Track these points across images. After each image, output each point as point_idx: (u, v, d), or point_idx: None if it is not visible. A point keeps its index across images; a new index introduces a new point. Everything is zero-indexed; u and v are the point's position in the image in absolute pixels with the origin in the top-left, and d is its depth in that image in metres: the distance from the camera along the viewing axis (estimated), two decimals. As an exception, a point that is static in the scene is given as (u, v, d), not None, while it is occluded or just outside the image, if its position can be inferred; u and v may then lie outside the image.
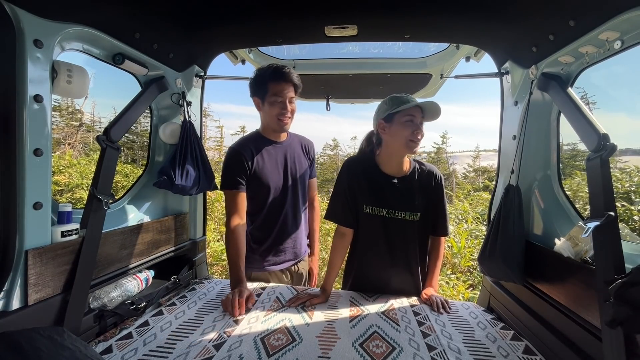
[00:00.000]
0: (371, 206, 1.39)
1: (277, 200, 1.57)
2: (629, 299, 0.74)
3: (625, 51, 0.97)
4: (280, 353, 0.99)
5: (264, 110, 1.52)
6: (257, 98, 1.51)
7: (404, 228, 1.38)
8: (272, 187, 1.54)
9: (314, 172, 1.79)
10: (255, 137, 1.59)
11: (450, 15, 1.25)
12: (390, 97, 1.34)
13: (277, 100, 1.45)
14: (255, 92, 1.51)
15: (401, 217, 1.38)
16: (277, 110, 1.47)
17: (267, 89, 1.45)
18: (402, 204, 1.38)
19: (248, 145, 1.53)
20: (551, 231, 1.26)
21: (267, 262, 1.61)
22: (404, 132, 1.29)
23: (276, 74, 1.44)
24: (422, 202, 1.40)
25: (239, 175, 1.47)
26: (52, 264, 1.02)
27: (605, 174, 0.91)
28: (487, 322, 1.26)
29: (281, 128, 1.52)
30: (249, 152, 1.51)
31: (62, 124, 20.60)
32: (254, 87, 1.50)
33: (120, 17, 1.17)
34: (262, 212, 1.57)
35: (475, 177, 25.11)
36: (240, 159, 1.48)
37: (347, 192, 1.42)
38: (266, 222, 1.58)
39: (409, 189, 1.39)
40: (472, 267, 4.04)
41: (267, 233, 1.59)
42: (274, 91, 1.44)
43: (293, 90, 1.49)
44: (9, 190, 0.92)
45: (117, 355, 0.99)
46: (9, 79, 0.90)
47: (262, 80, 1.47)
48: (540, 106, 1.32)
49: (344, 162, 1.50)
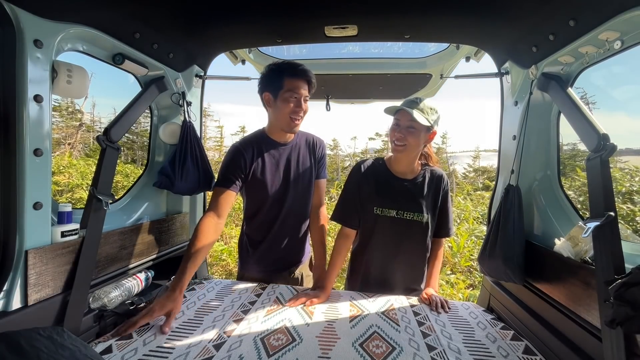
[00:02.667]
0: (380, 207, 1.42)
1: (275, 205, 1.51)
2: (629, 299, 0.74)
3: (625, 51, 0.97)
4: (280, 353, 0.99)
5: (275, 107, 1.41)
6: (268, 93, 1.41)
7: (412, 228, 1.41)
8: (270, 192, 1.48)
9: (324, 172, 1.63)
10: (260, 138, 1.50)
11: (450, 15, 1.25)
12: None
13: (293, 96, 1.36)
14: (267, 86, 1.41)
15: (409, 218, 1.40)
16: (291, 107, 1.37)
17: (282, 84, 1.36)
18: (411, 205, 1.40)
19: (251, 146, 1.46)
20: (551, 231, 1.26)
21: (261, 266, 1.59)
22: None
23: (295, 68, 1.37)
24: (430, 204, 1.42)
25: (233, 174, 1.40)
26: (52, 264, 1.02)
27: (605, 174, 0.91)
28: (487, 322, 1.26)
29: (291, 128, 1.44)
30: (250, 153, 1.44)
31: (62, 124, 20.60)
32: (266, 81, 1.41)
33: (120, 17, 1.17)
34: (259, 215, 1.52)
35: (475, 177, 25.12)
36: (239, 158, 1.42)
37: (356, 195, 1.45)
38: (262, 225, 1.54)
39: (418, 190, 1.42)
40: (472, 267, 4.04)
41: (262, 236, 1.55)
42: (290, 87, 1.36)
43: (308, 89, 1.41)
44: (9, 190, 0.92)
45: (117, 355, 0.99)
46: (9, 79, 0.90)
47: (277, 75, 1.38)
48: (540, 106, 1.32)
49: (355, 165, 1.52)
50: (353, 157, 29.80)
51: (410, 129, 1.31)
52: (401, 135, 1.31)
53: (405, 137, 1.31)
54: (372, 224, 1.44)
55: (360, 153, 31.17)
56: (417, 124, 1.28)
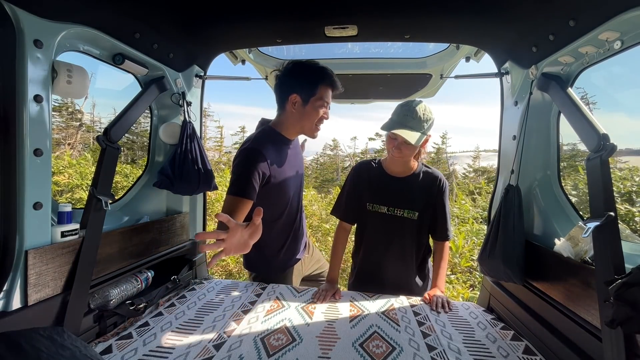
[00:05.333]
0: (373, 203, 1.48)
1: (293, 206, 1.49)
2: (629, 299, 0.74)
3: (625, 51, 0.97)
4: (280, 353, 0.99)
5: (302, 112, 1.34)
6: (297, 96, 1.32)
7: (403, 225, 1.46)
8: (291, 194, 1.44)
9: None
10: (274, 137, 1.40)
11: (450, 15, 1.25)
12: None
13: (325, 105, 1.35)
14: (298, 89, 1.33)
15: (400, 215, 1.45)
16: (319, 116, 1.35)
17: (316, 90, 1.32)
18: (402, 202, 1.45)
19: (270, 148, 1.34)
20: (551, 231, 1.26)
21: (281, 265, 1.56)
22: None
23: (331, 78, 1.34)
24: (422, 202, 1.46)
25: (255, 181, 1.24)
26: (52, 264, 1.02)
27: (605, 174, 0.91)
28: (487, 322, 1.26)
29: (313, 134, 1.41)
30: (271, 156, 1.32)
31: (62, 124, 20.59)
32: (298, 83, 1.33)
33: (120, 17, 1.17)
34: (280, 220, 1.47)
35: (475, 177, 25.13)
36: (262, 162, 1.27)
37: (352, 191, 1.54)
38: (283, 230, 1.50)
39: (410, 188, 1.46)
40: (472, 267, 4.04)
41: (282, 242, 1.51)
42: (324, 94, 1.33)
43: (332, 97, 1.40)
44: (9, 190, 0.92)
45: (117, 355, 0.99)
46: (9, 79, 0.90)
47: (312, 80, 1.32)
48: (540, 106, 1.32)
49: (355, 165, 1.62)
50: (353, 157, 29.80)
51: (406, 143, 1.33)
52: (399, 151, 1.37)
53: (402, 151, 1.36)
54: (365, 219, 1.52)
55: (360, 153, 31.16)
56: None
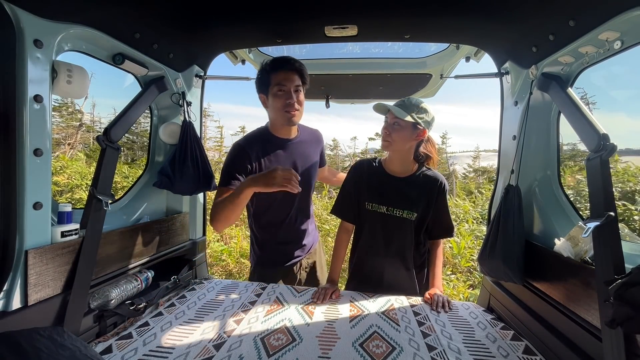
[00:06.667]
0: (372, 203, 1.47)
1: (283, 203, 1.50)
2: (629, 299, 0.74)
3: (625, 51, 0.97)
4: (280, 353, 0.99)
5: (270, 106, 1.41)
6: (262, 94, 1.42)
7: (401, 225, 1.44)
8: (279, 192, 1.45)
9: (324, 161, 1.73)
10: (263, 135, 1.47)
11: (450, 15, 1.25)
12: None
13: (281, 89, 1.34)
14: (260, 88, 1.42)
15: (399, 215, 1.44)
16: (282, 101, 1.35)
17: (269, 80, 1.36)
18: (401, 202, 1.44)
19: (255, 143, 1.41)
20: (551, 231, 1.26)
21: (269, 265, 1.59)
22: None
23: (277, 62, 1.35)
24: (422, 203, 1.45)
25: (238, 173, 1.35)
26: (52, 264, 1.02)
27: (605, 174, 0.91)
28: (487, 322, 1.26)
29: (289, 121, 1.39)
30: (255, 152, 1.39)
31: (62, 124, 20.58)
32: (258, 83, 1.42)
33: (120, 17, 1.17)
34: (267, 214, 1.52)
35: (475, 177, 25.11)
36: (243, 156, 1.37)
37: (352, 191, 1.52)
38: (270, 224, 1.54)
39: (410, 189, 1.45)
40: (472, 267, 4.04)
41: (270, 235, 1.55)
42: (276, 81, 1.34)
43: (299, 79, 1.37)
44: (9, 190, 0.92)
45: (117, 355, 0.99)
46: (9, 79, 0.90)
47: (264, 74, 1.37)
48: (540, 106, 1.32)
49: (354, 163, 1.60)
50: (353, 157, 29.79)
51: (394, 126, 1.35)
52: (387, 132, 1.37)
53: (390, 134, 1.36)
54: (364, 218, 1.51)
55: (360, 153, 31.14)
56: (401, 121, 1.33)
